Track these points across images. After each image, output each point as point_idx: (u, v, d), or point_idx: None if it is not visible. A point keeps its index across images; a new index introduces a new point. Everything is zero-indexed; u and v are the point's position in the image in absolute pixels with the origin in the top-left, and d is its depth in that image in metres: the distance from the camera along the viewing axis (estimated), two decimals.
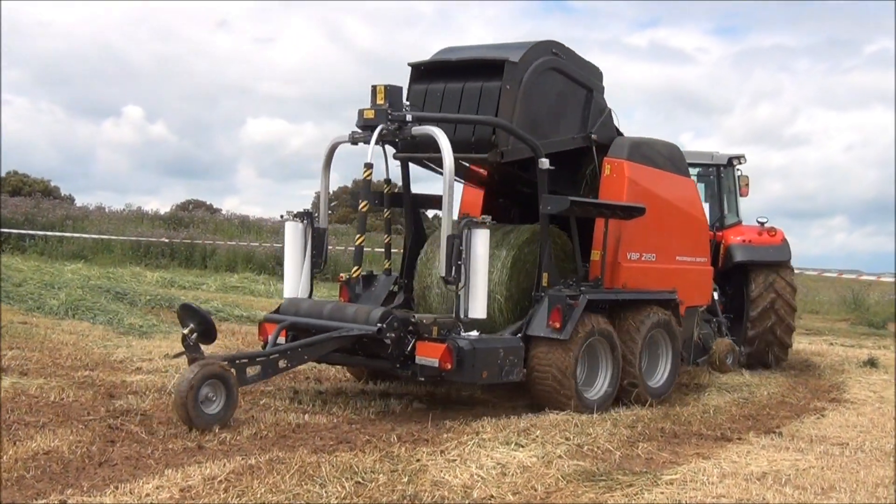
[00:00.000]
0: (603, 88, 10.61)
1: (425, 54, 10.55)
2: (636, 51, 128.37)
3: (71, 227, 31.30)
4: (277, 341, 8.94)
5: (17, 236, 29.80)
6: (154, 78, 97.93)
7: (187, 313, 8.24)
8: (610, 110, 10.63)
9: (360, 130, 9.19)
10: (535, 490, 6.27)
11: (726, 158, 14.52)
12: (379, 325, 8.48)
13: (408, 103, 9.19)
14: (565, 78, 10.06)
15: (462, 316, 8.62)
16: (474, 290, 8.61)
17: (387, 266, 10.71)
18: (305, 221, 9.81)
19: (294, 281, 9.77)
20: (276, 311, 9.63)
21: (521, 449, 7.28)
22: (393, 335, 8.50)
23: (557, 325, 9.00)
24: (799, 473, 6.99)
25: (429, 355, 8.46)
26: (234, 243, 31.33)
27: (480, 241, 8.65)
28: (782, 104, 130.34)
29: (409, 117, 8.99)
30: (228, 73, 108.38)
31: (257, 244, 31.05)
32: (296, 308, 9.37)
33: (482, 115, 9.42)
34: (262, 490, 5.84)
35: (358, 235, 9.05)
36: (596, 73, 10.55)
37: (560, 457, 7.11)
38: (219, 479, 6.01)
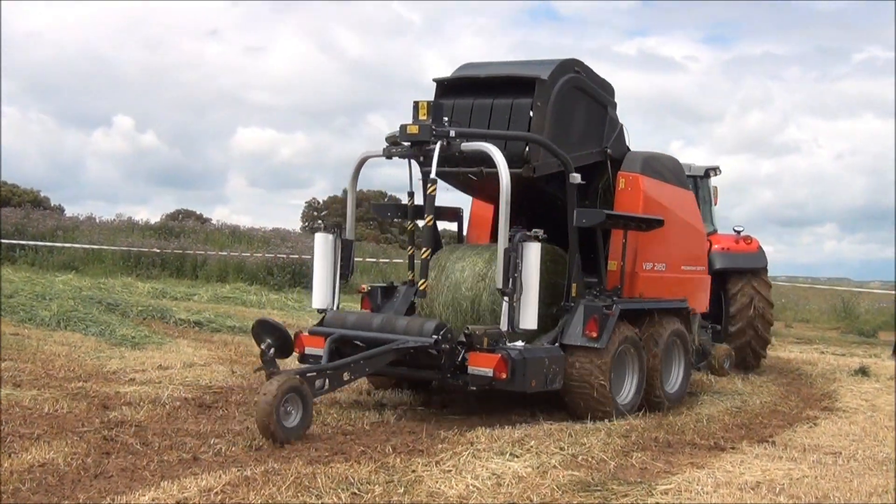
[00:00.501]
0: (615, 104, 10.92)
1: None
2: (625, 59, 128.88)
3: (61, 238, 31.21)
4: (314, 354, 9.33)
5: (8, 247, 29.72)
6: (144, 88, 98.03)
7: (263, 329, 8.46)
8: (622, 125, 10.95)
9: (390, 144, 9.47)
10: (531, 500, 6.30)
11: (703, 170, 15.12)
12: (435, 336, 8.76)
13: (446, 119, 9.34)
14: (585, 95, 10.34)
15: (513, 327, 8.82)
16: (526, 302, 8.84)
17: (410, 277, 10.84)
18: (335, 233, 10.03)
19: (323, 292, 9.99)
20: (320, 324, 9.78)
21: (515, 459, 7.31)
22: (447, 346, 8.79)
23: (594, 334, 9.32)
24: (793, 483, 7.03)
25: (482, 365, 8.70)
26: (224, 253, 31.29)
27: (533, 254, 8.92)
28: (772, 112, 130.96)
29: (452, 133, 9.17)
30: (219, 82, 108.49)
31: (248, 254, 31.02)
32: (342, 321, 9.58)
33: (517, 132, 9.60)
34: (258, 501, 5.87)
35: (424, 249, 9.22)
36: (609, 90, 10.87)
37: (555, 467, 7.14)
38: (215, 490, 6.03)
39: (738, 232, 14.87)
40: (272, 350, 8.31)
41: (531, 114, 9.68)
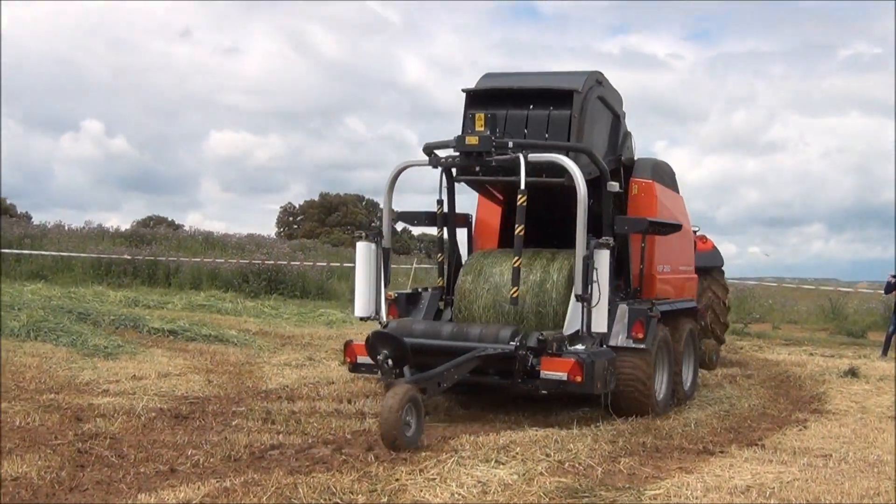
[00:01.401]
0: (625, 114, 11.39)
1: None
2: (608, 57, 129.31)
3: (29, 246, 31.07)
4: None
5: None
6: (113, 91, 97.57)
7: (380, 340, 8.79)
8: (630, 133, 11.47)
9: (428, 152, 10.03)
10: None
11: None
12: (513, 343, 9.23)
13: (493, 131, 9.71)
14: (605, 105, 10.81)
15: (588, 331, 9.34)
16: (599, 307, 9.36)
17: (440, 283, 11.05)
18: (377, 241, 10.31)
19: (366, 301, 10.26)
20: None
21: (501, 466, 7.32)
22: (523, 352, 9.20)
23: (640, 336, 9.91)
24: (783, 486, 7.07)
25: (556, 370, 9.17)
26: (198, 260, 31.21)
27: (604, 260, 9.41)
28: (757, 110, 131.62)
29: (510, 144, 9.62)
30: (191, 84, 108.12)
31: (222, 261, 30.95)
32: (408, 330, 9.80)
33: (566, 143, 9.97)
34: None
35: (515, 258, 9.44)
36: (619, 100, 11.30)
37: (541, 474, 7.16)
38: (193, 502, 6.01)
39: (695, 232, 15.27)
40: (389, 361, 8.63)
41: (570, 125, 10.07)
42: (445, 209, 10.80)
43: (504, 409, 10.05)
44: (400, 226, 17.61)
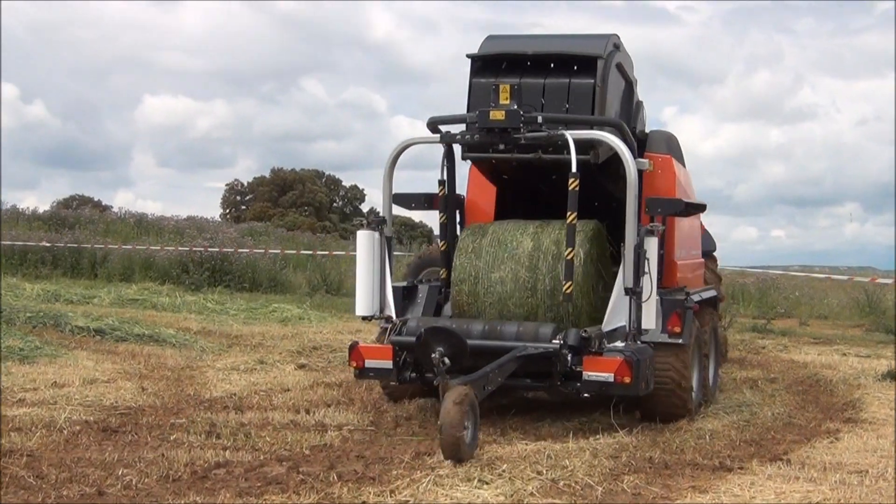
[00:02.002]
0: (637, 80, 11.60)
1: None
2: (610, 10, 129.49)
3: None
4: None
5: None
6: (31, 49, 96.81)
7: (435, 336, 9.01)
8: (641, 103, 11.70)
9: (432, 127, 10.33)
10: None
11: None
12: (557, 341, 9.51)
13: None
14: (621, 73, 11.00)
15: (638, 328, 9.63)
16: (649, 300, 9.65)
17: (444, 275, 11.13)
18: (380, 230, 10.50)
19: (368, 297, 10.39)
20: (398, 333, 10.13)
21: (485, 486, 7.34)
22: (566, 352, 9.47)
23: (678, 330, 10.21)
24: None
25: (601, 370, 9.44)
26: (129, 247, 31.12)
27: (653, 248, 9.74)
28: (782, 72, 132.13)
29: (539, 119, 9.86)
30: (121, 42, 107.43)
31: (158, 248, 30.87)
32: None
33: (599, 117, 10.29)
34: None
35: (568, 249, 9.67)
36: (632, 65, 11.49)
37: (532, 494, 7.19)
38: None
39: None
40: (446, 360, 8.80)
41: (594, 95, 10.27)
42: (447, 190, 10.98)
43: (488, 419, 10.07)
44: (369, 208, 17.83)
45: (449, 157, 10.81)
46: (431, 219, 12.30)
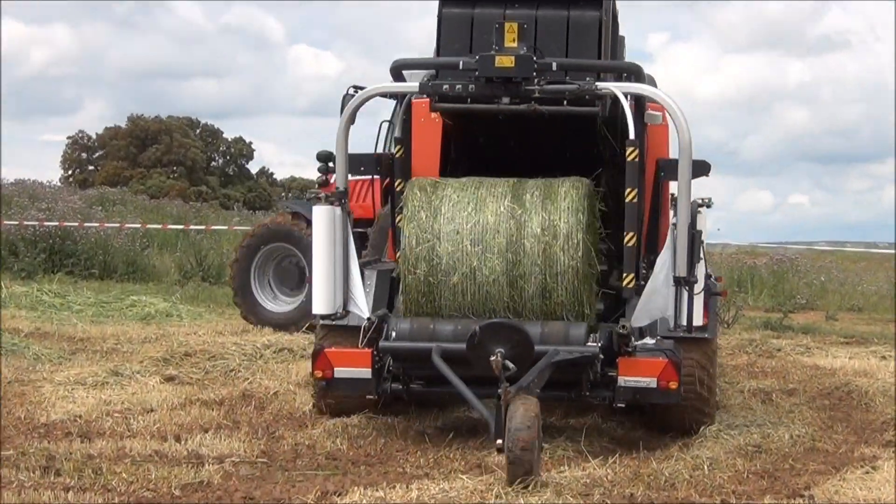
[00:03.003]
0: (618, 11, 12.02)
1: None
2: None
3: None
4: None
5: None
6: None
7: (494, 334, 9.63)
8: (623, 37, 12.19)
9: (428, 78, 10.64)
10: None
11: None
12: (597, 344, 10.10)
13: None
14: (612, 4, 11.36)
15: (689, 324, 10.16)
16: (700, 291, 10.25)
17: (398, 256, 11.29)
18: (341, 203, 10.71)
19: (330, 290, 10.61)
20: (385, 338, 10.48)
21: None
22: (602, 355, 10.05)
23: (704, 321, 10.54)
24: None
25: (642, 374, 10.01)
26: None
27: (706, 228, 10.34)
28: None
29: (554, 65, 10.25)
30: None
31: None
32: (427, 332, 10.47)
33: (618, 62, 11.09)
34: None
35: (629, 234, 10.33)
36: None
37: None
38: None
39: None
40: (509, 364, 9.33)
41: (600, 33, 10.81)
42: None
43: (412, 447, 10.09)
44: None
45: (407, 110, 11.19)
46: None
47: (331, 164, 16.29)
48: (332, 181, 14.76)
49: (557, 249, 10.45)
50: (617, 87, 10.16)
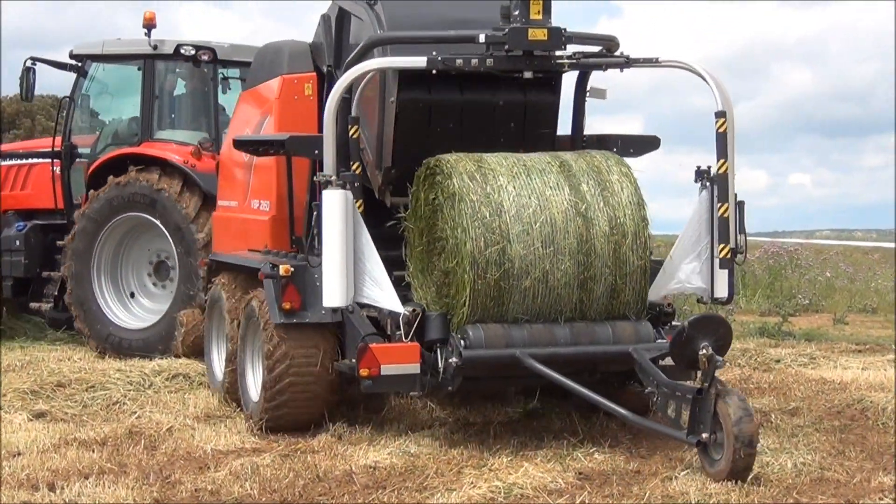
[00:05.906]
0: None
1: None
2: None
3: None
4: None
5: None
6: None
7: (702, 328, 10.86)
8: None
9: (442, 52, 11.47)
10: None
11: None
12: (662, 339, 11.87)
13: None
14: None
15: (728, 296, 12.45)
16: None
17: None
18: (353, 188, 11.51)
19: (343, 281, 11.32)
20: (470, 346, 11.34)
21: None
22: None
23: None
24: None
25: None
26: None
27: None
28: None
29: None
30: None
31: None
32: (505, 338, 11.53)
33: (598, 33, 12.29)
34: None
35: (723, 204, 11.83)
36: None
37: None
38: None
39: None
40: (718, 358, 10.66)
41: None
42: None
43: (336, 490, 10.14)
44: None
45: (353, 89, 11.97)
46: None
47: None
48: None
49: (627, 249, 11.55)
50: (678, 64, 11.67)
